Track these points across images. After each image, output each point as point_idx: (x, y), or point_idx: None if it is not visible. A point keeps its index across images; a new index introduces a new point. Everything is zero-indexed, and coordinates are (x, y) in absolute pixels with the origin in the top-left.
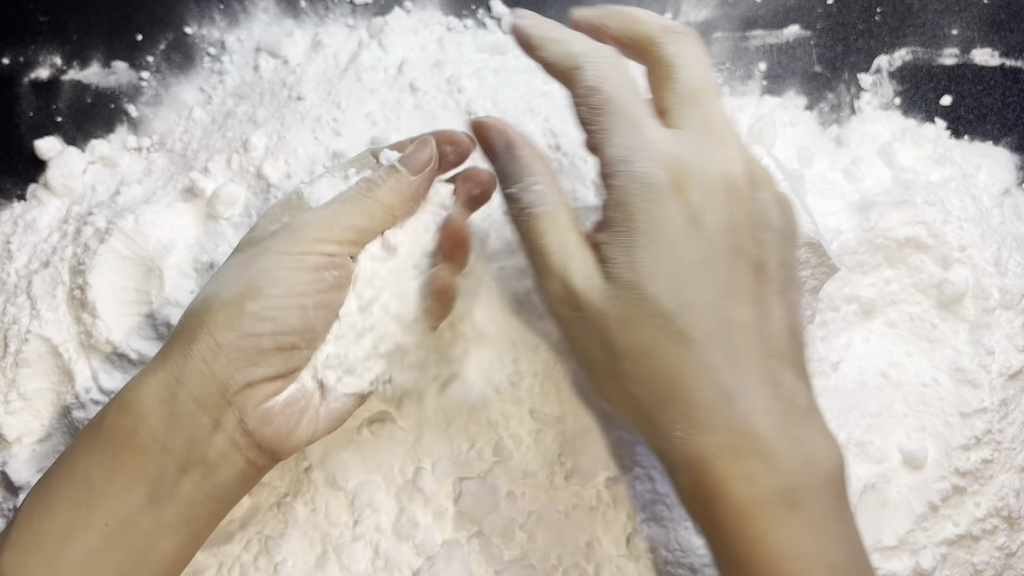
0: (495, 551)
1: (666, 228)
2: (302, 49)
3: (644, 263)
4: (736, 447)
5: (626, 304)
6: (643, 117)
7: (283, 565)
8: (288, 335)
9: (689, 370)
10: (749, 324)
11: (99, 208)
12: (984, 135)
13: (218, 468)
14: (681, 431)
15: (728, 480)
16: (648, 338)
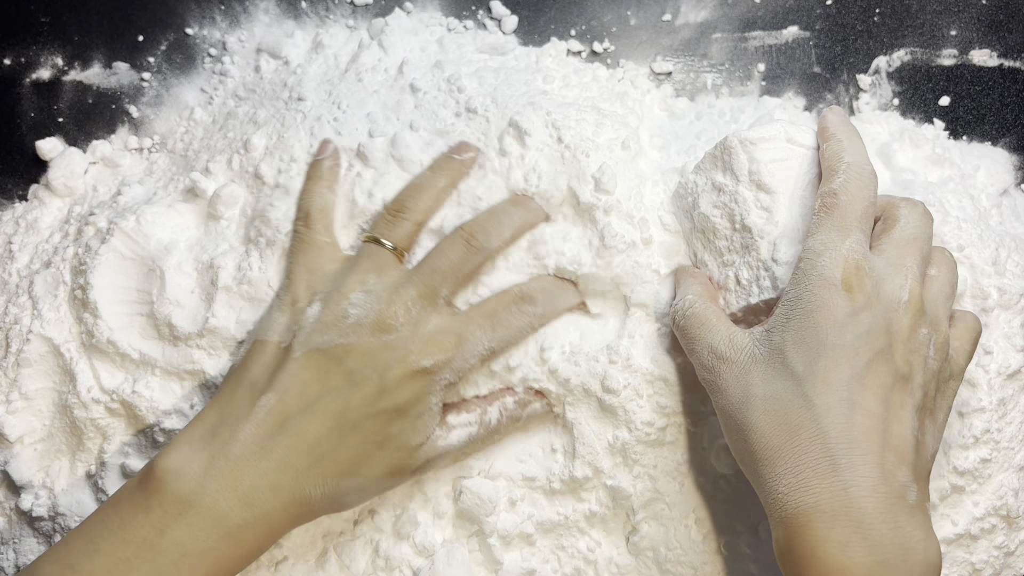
0: (495, 551)
1: (823, 311)
2: (303, 50)
3: (794, 333)
4: (833, 512)
5: (768, 364)
6: (854, 230)
7: (283, 564)
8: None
9: (804, 431)
10: (872, 413)
11: (100, 208)
12: (983, 135)
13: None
14: (786, 486)
15: (821, 543)
16: (777, 394)
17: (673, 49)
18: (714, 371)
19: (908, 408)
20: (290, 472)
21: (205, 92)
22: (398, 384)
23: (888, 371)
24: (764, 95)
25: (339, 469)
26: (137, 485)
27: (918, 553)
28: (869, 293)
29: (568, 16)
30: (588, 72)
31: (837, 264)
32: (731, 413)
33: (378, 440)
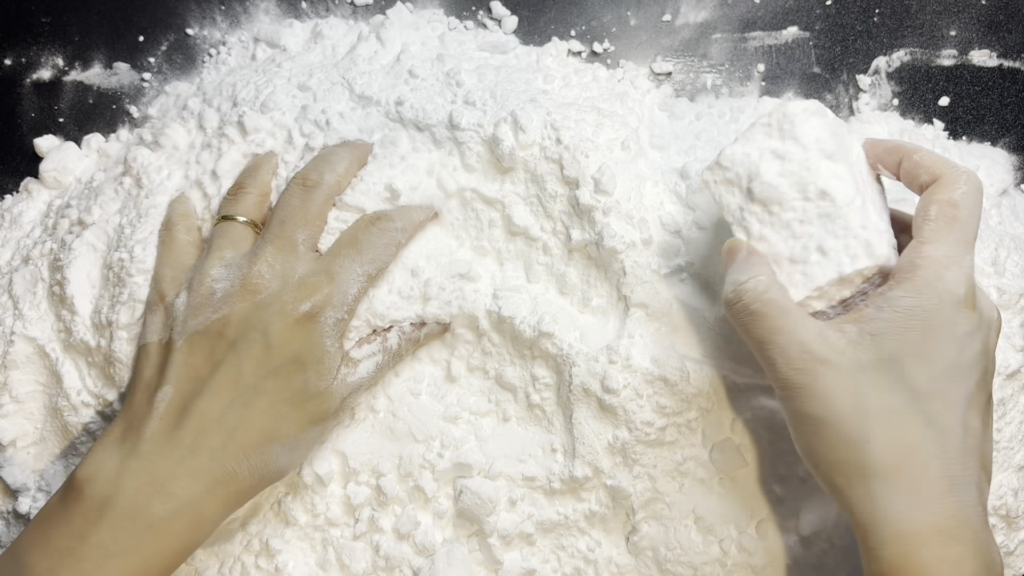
0: (495, 551)
1: (948, 328)
2: (301, 40)
3: (913, 345)
4: (950, 532)
5: (882, 372)
6: (972, 246)
7: (283, 565)
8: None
9: (925, 450)
10: (977, 433)
11: (76, 200)
12: (982, 136)
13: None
14: (903, 505)
15: (938, 563)
16: (898, 407)
17: (673, 49)
18: (809, 372)
19: (989, 424)
20: (204, 454)
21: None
22: (283, 337)
23: (987, 389)
24: (764, 95)
25: (257, 437)
26: (59, 499)
27: (998, 564)
28: (982, 313)
29: (568, 16)
30: (588, 72)
31: (963, 281)
32: (835, 423)
33: (286, 397)
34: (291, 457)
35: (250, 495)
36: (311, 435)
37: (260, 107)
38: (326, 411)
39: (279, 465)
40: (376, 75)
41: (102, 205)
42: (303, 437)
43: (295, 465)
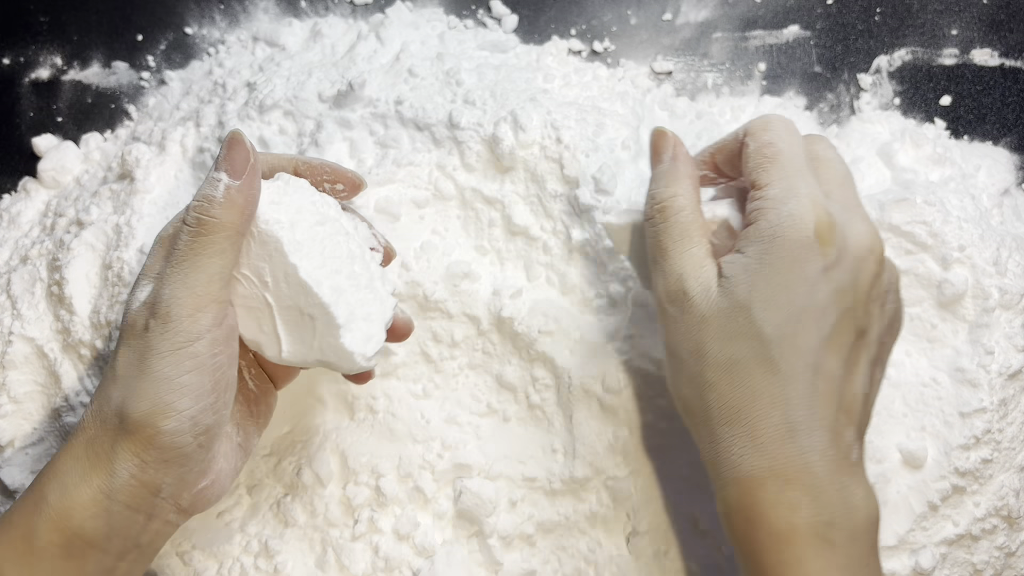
0: (495, 552)
1: (795, 267)
2: (300, 39)
3: (761, 289)
4: (787, 476)
5: (731, 319)
6: (806, 174)
7: (283, 565)
8: (206, 433)
9: (766, 396)
10: (833, 376)
11: (74, 200)
12: (984, 135)
13: (151, 545)
14: (741, 448)
15: (773, 505)
16: (740, 355)
17: (674, 48)
18: (678, 305)
19: (863, 364)
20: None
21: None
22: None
23: (851, 329)
24: (765, 95)
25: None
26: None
27: (860, 510)
28: (840, 246)
29: (568, 15)
30: (588, 71)
31: (808, 214)
32: (686, 362)
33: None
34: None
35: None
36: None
37: (258, 106)
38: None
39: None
40: (375, 74)
41: (100, 204)
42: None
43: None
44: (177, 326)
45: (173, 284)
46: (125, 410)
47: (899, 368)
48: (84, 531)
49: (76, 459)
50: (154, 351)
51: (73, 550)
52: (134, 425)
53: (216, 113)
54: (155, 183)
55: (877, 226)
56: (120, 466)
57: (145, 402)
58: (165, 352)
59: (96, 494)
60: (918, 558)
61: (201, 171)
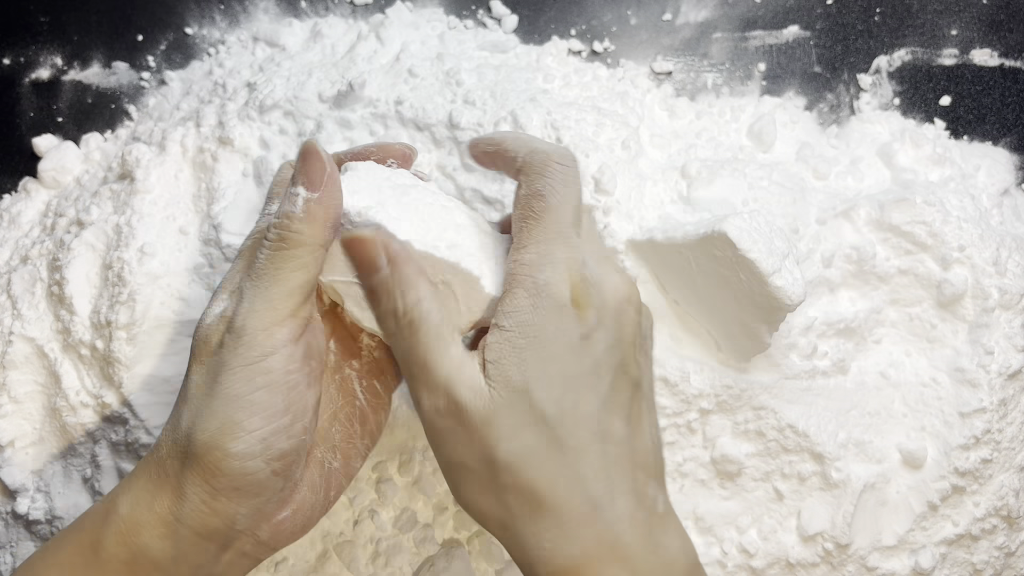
0: (495, 551)
1: (560, 338)
2: (300, 39)
3: (533, 367)
4: (601, 556)
5: (511, 410)
6: (570, 234)
7: (283, 564)
8: (281, 458)
9: (562, 479)
10: (621, 437)
11: (75, 200)
12: (983, 135)
13: (226, 574)
14: (550, 541)
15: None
16: (530, 445)
17: (673, 49)
18: (453, 417)
19: (645, 415)
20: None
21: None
22: None
23: (627, 384)
24: (765, 95)
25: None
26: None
27: (679, 562)
28: (597, 306)
29: (568, 16)
30: (588, 71)
31: (563, 282)
32: (476, 470)
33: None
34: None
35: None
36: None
37: (259, 106)
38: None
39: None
40: (375, 74)
41: (101, 204)
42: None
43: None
44: (251, 340)
45: (251, 298)
46: (193, 432)
47: (899, 368)
48: (150, 550)
49: (149, 476)
50: (226, 367)
51: (138, 568)
52: (203, 447)
53: (216, 113)
54: (155, 183)
55: (877, 226)
56: (190, 491)
57: (213, 422)
58: (236, 367)
59: (165, 515)
60: (918, 558)
61: (201, 171)
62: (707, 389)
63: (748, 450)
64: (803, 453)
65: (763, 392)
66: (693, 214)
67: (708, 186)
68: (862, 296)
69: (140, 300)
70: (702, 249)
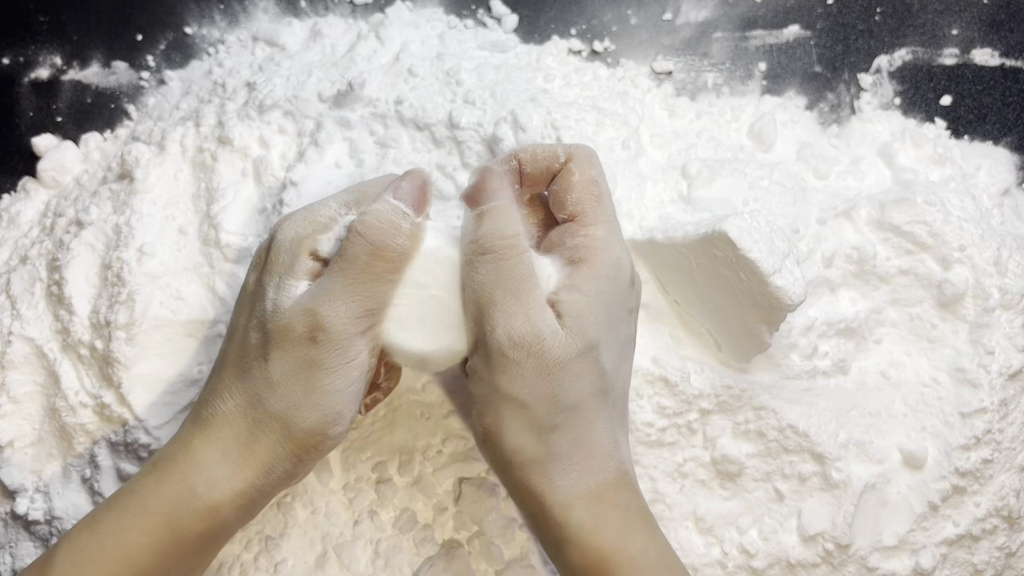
0: (495, 551)
1: (621, 309)
2: (300, 38)
3: (604, 329)
4: (616, 483)
5: (582, 360)
6: (617, 218)
7: (283, 564)
8: (349, 422)
9: (599, 425)
10: (627, 394)
11: (74, 200)
12: (984, 135)
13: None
14: (578, 474)
15: (613, 508)
16: (589, 393)
17: (674, 48)
18: (525, 350)
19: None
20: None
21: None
22: None
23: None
24: (765, 94)
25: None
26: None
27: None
28: (637, 281)
29: (568, 15)
30: (589, 71)
31: (627, 259)
32: (529, 406)
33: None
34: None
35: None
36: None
37: (258, 106)
38: None
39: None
40: (375, 74)
41: (100, 204)
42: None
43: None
44: (350, 344)
45: (349, 302)
46: (292, 420)
47: (899, 368)
48: (228, 521)
49: (226, 454)
50: (324, 367)
51: (210, 536)
52: (303, 433)
53: (216, 113)
54: (155, 183)
55: (878, 226)
56: (278, 465)
57: (316, 414)
58: (336, 367)
59: (248, 488)
60: (918, 558)
61: (201, 171)
62: (707, 389)
63: (748, 450)
64: (803, 453)
65: (763, 392)
66: (693, 214)
67: (708, 186)
68: (862, 296)
69: (140, 300)
70: (702, 249)
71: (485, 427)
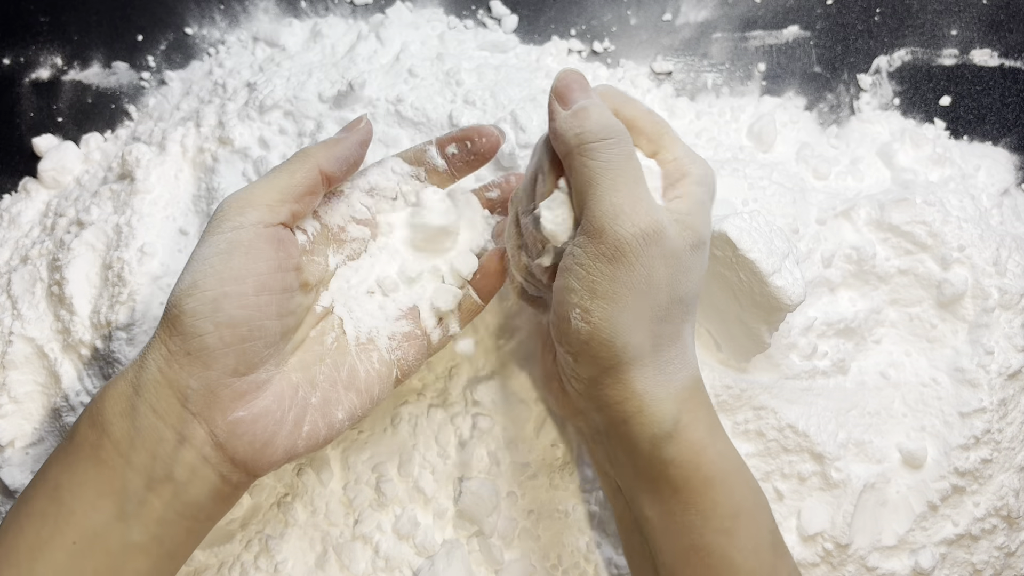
0: (495, 551)
1: (709, 217)
2: (300, 39)
3: (703, 229)
4: (697, 381)
5: (697, 253)
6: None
7: (283, 565)
8: (230, 327)
9: (692, 317)
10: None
11: (74, 200)
12: (983, 135)
13: (188, 485)
14: (679, 364)
15: (700, 405)
16: (694, 284)
17: (673, 49)
18: (655, 241)
19: None
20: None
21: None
22: None
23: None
24: (765, 95)
25: None
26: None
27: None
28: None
29: (568, 16)
30: (589, 72)
31: (710, 175)
32: (646, 294)
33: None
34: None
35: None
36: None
37: (258, 106)
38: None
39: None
40: (375, 74)
41: (101, 204)
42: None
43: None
44: (224, 214)
45: (244, 188)
46: (170, 294)
47: (899, 368)
48: (111, 428)
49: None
50: (202, 238)
51: (101, 451)
52: (167, 309)
53: (216, 113)
54: (155, 183)
55: (877, 226)
56: (150, 357)
57: (180, 285)
58: (207, 236)
59: (126, 388)
60: (918, 558)
61: (201, 171)
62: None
63: (748, 450)
64: (803, 453)
65: (763, 392)
66: None
67: None
68: (862, 296)
69: (140, 300)
70: None
71: (594, 324)
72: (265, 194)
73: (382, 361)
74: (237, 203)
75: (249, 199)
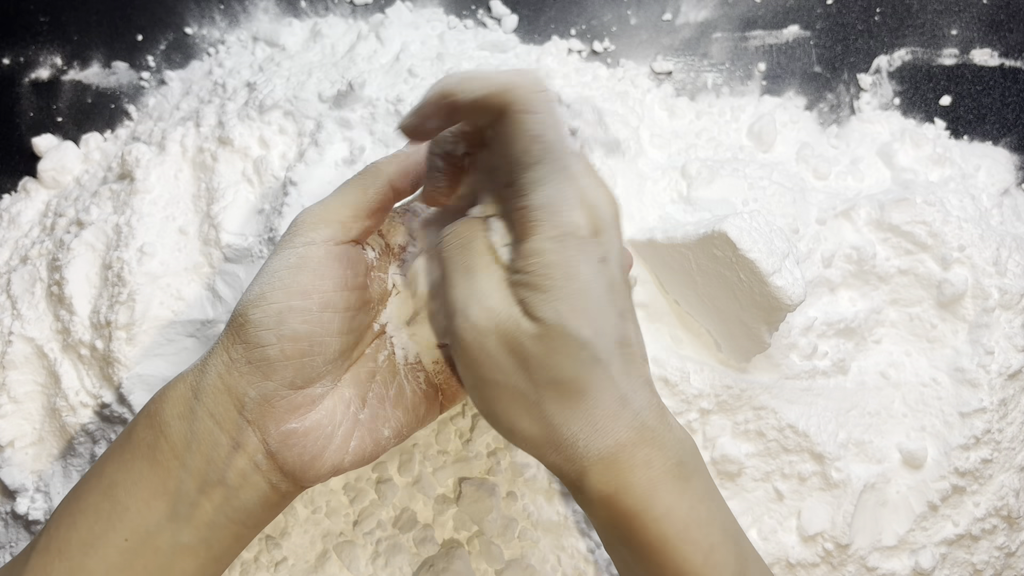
0: (495, 551)
1: (586, 269)
2: (300, 39)
3: (563, 303)
4: (633, 440)
5: (549, 342)
6: (570, 165)
7: (283, 564)
8: (292, 341)
9: (595, 385)
10: (632, 339)
11: (74, 200)
12: (983, 135)
13: (239, 491)
14: (586, 438)
15: (631, 469)
16: (567, 367)
17: (673, 48)
18: (501, 340)
19: (636, 316)
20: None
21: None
22: None
23: (627, 293)
24: (765, 94)
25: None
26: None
27: (688, 439)
28: (606, 226)
29: (568, 15)
30: (588, 71)
31: (581, 217)
32: (511, 395)
33: None
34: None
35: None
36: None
37: (258, 106)
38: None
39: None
40: (375, 74)
41: (100, 204)
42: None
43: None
44: (297, 228)
45: (319, 203)
46: (238, 303)
47: (899, 368)
48: (169, 431)
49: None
50: (274, 251)
51: (158, 453)
52: (232, 319)
53: (216, 113)
54: (155, 183)
55: (877, 226)
56: (211, 363)
57: (248, 295)
58: (279, 250)
59: (185, 391)
60: (918, 558)
61: (201, 171)
62: (707, 389)
63: (748, 450)
64: (803, 453)
65: (763, 392)
66: (693, 214)
67: (708, 186)
68: (862, 296)
69: (140, 300)
70: (702, 249)
71: (481, 411)
72: (340, 211)
73: (429, 383)
74: (312, 218)
75: (324, 215)
